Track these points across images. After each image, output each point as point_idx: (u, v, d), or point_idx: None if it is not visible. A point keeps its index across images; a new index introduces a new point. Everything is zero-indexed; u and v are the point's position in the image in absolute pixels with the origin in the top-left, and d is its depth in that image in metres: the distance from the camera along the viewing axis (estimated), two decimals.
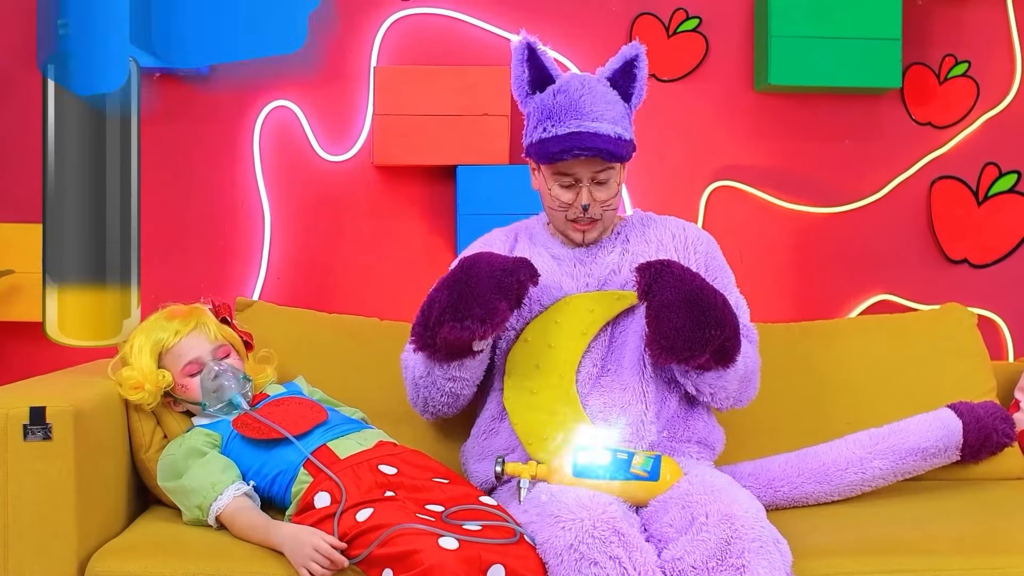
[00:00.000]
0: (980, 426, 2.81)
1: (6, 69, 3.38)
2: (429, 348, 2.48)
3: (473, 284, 2.42)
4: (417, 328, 2.48)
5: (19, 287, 3.24)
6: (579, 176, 2.57)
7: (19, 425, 2.27)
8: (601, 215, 2.61)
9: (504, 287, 2.42)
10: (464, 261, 2.50)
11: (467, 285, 2.42)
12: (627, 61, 2.64)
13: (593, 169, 2.56)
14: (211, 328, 2.68)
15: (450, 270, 2.51)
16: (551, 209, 2.64)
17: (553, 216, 2.65)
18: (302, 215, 3.46)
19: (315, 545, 2.21)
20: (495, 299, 2.40)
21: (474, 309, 2.39)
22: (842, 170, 3.55)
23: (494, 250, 2.63)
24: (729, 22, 3.54)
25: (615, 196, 2.61)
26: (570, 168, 2.56)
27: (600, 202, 2.59)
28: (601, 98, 2.57)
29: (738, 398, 2.64)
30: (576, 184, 2.57)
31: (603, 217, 2.62)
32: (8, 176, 3.38)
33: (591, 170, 2.56)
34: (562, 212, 2.61)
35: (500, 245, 2.74)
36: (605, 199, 2.59)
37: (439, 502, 2.34)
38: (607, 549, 2.16)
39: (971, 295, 3.51)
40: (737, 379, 2.55)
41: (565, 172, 2.57)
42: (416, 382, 2.64)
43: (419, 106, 3.34)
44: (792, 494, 2.73)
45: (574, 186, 2.58)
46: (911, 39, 3.51)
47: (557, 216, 2.64)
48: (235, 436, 2.55)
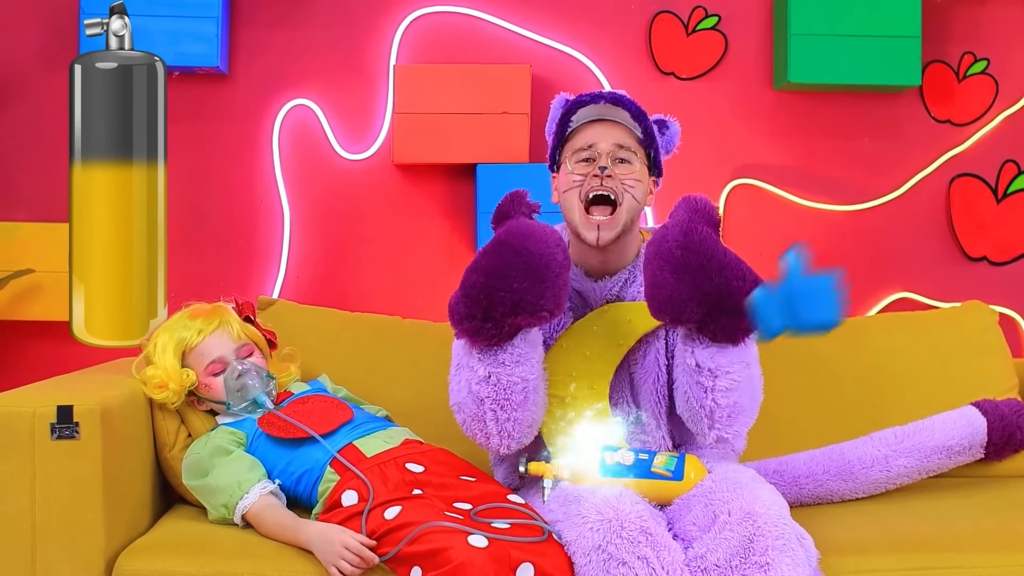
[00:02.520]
0: (1004, 424, 2.82)
1: (25, 69, 3.39)
2: (495, 338, 2.31)
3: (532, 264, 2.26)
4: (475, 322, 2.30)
5: (39, 286, 3.25)
6: (599, 148, 2.46)
7: (46, 424, 2.27)
8: (622, 197, 2.45)
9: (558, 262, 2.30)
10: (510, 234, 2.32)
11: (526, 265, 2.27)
12: (660, 120, 2.60)
13: (613, 140, 2.47)
14: (234, 327, 2.69)
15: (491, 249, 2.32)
16: (567, 194, 2.49)
17: (569, 207, 2.49)
18: (321, 213, 3.46)
19: (345, 543, 2.21)
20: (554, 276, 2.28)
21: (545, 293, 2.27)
22: (861, 168, 3.54)
23: None
24: (748, 20, 3.53)
25: (639, 182, 2.48)
26: (591, 138, 2.47)
27: (621, 177, 2.45)
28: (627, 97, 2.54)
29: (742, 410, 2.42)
30: (595, 160, 2.46)
31: (623, 201, 2.45)
32: (27, 176, 3.39)
33: (612, 141, 2.46)
34: (576, 189, 2.46)
35: None
36: (626, 175, 2.46)
37: (467, 500, 2.34)
38: (635, 549, 2.15)
39: (990, 292, 3.50)
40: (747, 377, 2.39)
41: (586, 146, 2.48)
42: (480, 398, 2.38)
43: (439, 104, 3.34)
44: (816, 491, 2.74)
45: (593, 162, 2.46)
46: (930, 37, 3.51)
47: (573, 203, 2.47)
48: (260, 435, 2.55)
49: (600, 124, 2.50)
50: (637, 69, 3.49)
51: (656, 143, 2.55)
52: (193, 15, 3.29)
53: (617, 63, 3.48)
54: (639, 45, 3.51)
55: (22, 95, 3.39)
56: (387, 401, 2.83)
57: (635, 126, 2.50)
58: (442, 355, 2.92)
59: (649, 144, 2.53)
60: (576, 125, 2.52)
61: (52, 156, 3.33)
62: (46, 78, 3.37)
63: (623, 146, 2.48)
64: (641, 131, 2.51)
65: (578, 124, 2.52)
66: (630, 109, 2.49)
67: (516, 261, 2.27)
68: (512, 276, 2.27)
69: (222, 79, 3.44)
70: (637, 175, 2.49)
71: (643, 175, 2.51)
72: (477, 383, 2.37)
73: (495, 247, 2.32)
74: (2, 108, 3.40)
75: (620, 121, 2.50)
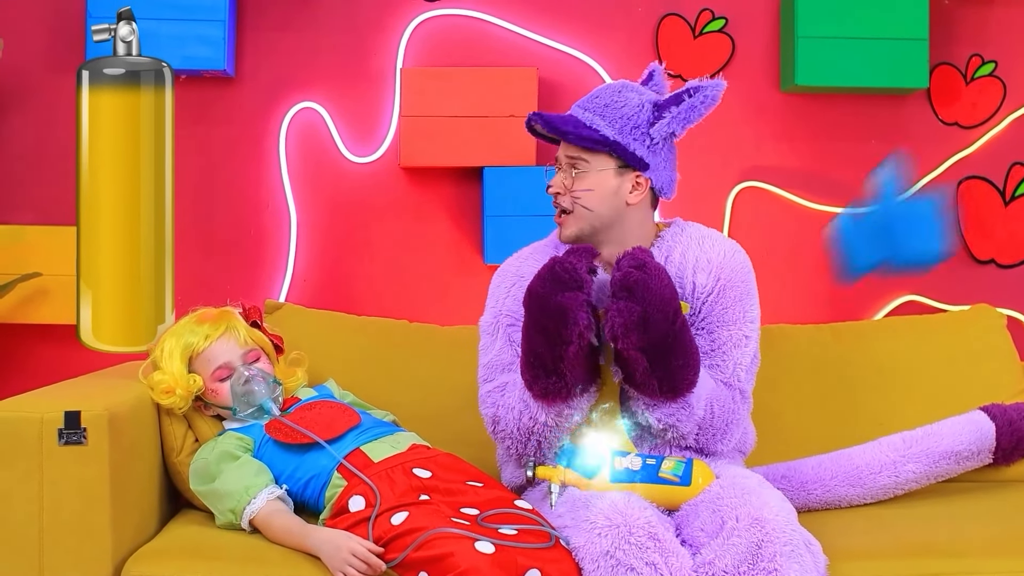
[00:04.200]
0: (1013, 428, 2.81)
1: (33, 74, 3.39)
2: (563, 391, 2.39)
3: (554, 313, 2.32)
4: (541, 381, 2.38)
5: (47, 290, 3.25)
6: (560, 159, 2.58)
7: (54, 429, 2.27)
8: (572, 208, 2.54)
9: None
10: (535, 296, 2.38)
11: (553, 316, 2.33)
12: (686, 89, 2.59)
13: (566, 152, 2.56)
14: (241, 332, 2.69)
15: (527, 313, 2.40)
16: None
17: None
18: (328, 217, 3.46)
19: (352, 549, 2.21)
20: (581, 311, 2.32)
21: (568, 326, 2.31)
22: (869, 170, 3.53)
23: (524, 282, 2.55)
24: (755, 23, 3.53)
25: (590, 192, 2.53)
26: (558, 149, 2.59)
27: (569, 190, 2.54)
28: (607, 93, 2.57)
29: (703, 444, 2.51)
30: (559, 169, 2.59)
31: (573, 211, 2.54)
32: (35, 180, 3.39)
33: (564, 153, 2.56)
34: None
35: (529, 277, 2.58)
36: (577, 190, 2.53)
37: (474, 505, 2.34)
38: (644, 555, 2.15)
39: (998, 295, 3.50)
40: (693, 421, 2.44)
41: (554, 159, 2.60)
42: (529, 431, 2.48)
43: (445, 107, 3.34)
44: (825, 497, 2.74)
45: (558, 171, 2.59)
46: (938, 39, 3.50)
47: None
48: (268, 440, 2.55)
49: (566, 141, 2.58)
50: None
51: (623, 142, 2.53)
52: (200, 18, 3.29)
53: (624, 66, 3.48)
54: (646, 48, 3.51)
55: (30, 99, 3.39)
56: (394, 405, 2.83)
57: (580, 140, 2.54)
58: (450, 359, 2.93)
59: (612, 147, 2.53)
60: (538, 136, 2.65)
61: (60, 160, 3.33)
62: (54, 83, 3.37)
63: (572, 156, 2.56)
64: (590, 143, 2.53)
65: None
66: (565, 131, 2.54)
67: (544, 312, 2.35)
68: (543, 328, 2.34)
69: (229, 82, 3.44)
70: (590, 184, 2.54)
71: (600, 181, 2.54)
72: (531, 422, 2.47)
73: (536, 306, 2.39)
74: (10, 112, 3.40)
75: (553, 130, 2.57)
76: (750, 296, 2.59)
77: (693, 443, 2.50)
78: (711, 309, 2.55)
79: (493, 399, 2.56)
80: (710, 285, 2.56)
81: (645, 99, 2.56)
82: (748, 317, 2.57)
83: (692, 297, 2.56)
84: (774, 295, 3.41)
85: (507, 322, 2.61)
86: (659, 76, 2.69)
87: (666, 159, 2.58)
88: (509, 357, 2.58)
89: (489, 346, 2.63)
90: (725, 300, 2.56)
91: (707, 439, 2.50)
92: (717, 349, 2.54)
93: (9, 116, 3.40)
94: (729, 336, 2.54)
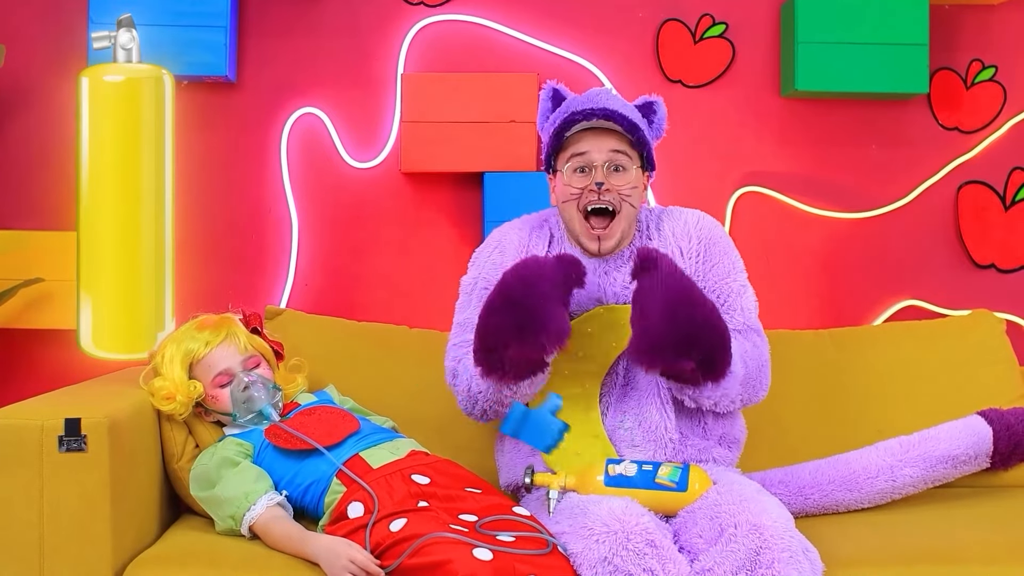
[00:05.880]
0: (1010, 433, 2.81)
1: (34, 79, 3.40)
2: (498, 372, 2.40)
3: (533, 299, 2.32)
4: (480, 354, 2.39)
5: (49, 295, 3.25)
6: (593, 159, 2.53)
7: (54, 437, 2.28)
8: (620, 206, 2.53)
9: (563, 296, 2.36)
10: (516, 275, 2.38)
11: (526, 300, 2.32)
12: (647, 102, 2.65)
13: (608, 148, 2.53)
14: (241, 338, 2.69)
15: (498, 287, 2.39)
16: (566, 205, 2.58)
17: (569, 217, 2.58)
18: (329, 222, 3.47)
19: (352, 557, 2.22)
20: (559, 310, 2.33)
21: (548, 324, 2.30)
22: (869, 175, 3.54)
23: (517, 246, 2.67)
24: (755, 28, 3.53)
25: (635, 188, 2.55)
26: (585, 147, 2.54)
27: (617, 188, 2.53)
28: (617, 98, 2.60)
29: (747, 399, 2.58)
30: (591, 170, 2.54)
31: (622, 210, 2.54)
32: (36, 185, 3.40)
33: (606, 149, 2.53)
34: (574, 201, 2.55)
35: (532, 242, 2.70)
36: (622, 185, 2.53)
37: (472, 512, 2.34)
38: (641, 562, 2.16)
39: (998, 300, 3.51)
40: (737, 385, 2.48)
41: (580, 153, 2.54)
42: (475, 396, 2.55)
43: (446, 113, 3.35)
44: (822, 501, 2.74)
45: (589, 172, 2.54)
46: (938, 44, 3.50)
47: (572, 214, 2.57)
48: (267, 446, 2.56)
49: (594, 131, 2.55)
50: (645, 77, 3.49)
51: (649, 144, 2.58)
52: (201, 24, 3.30)
53: (624, 71, 3.49)
54: (647, 53, 3.51)
55: (32, 105, 3.40)
56: (394, 411, 2.84)
57: (629, 134, 2.54)
58: None
59: (643, 146, 2.56)
60: (571, 133, 2.57)
61: (61, 166, 3.34)
62: (55, 88, 3.38)
63: (618, 151, 2.55)
64: (635, 139, 2.55)
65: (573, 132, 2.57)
66: (622, 123, 2.53)
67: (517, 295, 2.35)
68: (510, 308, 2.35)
69: (230, 88, 3.45)
70: (633, 182, 2.56)
71: (638, 179, 2.58)
72: (476, 389, 2.53)
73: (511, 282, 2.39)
74: (12, 117, 3.41)
75: (614, 129, 2.54)
76: (732, 248, 2.67)
77: (740, 401, 2.55)
78: (704, 267, 2.61)
79: (455, 354, 2.64)
80: (693, 247, 2.62)
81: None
82: (738, 267, 2.66)
83: (683, 261, 2.60)
84: (773, 300, 3.41)
85: (483, 286, 2.66)
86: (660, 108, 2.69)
87: None
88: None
89: (464, 305, 2.71)
90: (713, 256, 2.62)
91: (750, 393, 2.56)
92: (725, 302, 2.59)
93: (11, 121, 3.41)
94: (729, 286, 2.61)
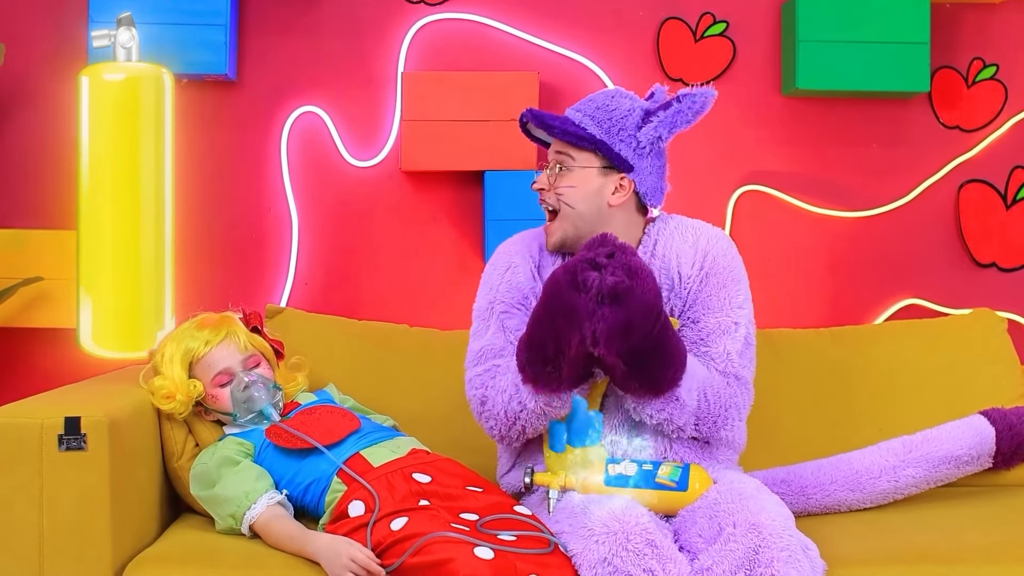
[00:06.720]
0: (1013, 433, 2.81)
1: (34, 78, 3.40)
2: (554, 382, 2.39)
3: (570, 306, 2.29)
4: (534, 368, 2.38)
5: (48, 293, 3.25)
6: (550, 158, 2.60)
7: (54, 435, 2.27)
8: (559, 206, 2.56)
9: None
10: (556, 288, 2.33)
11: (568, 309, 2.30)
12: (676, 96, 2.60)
13: (555, 149, 2.59)
14: (241, 337, 2.68)
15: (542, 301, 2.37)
16: None
17: None
18: (329, 221, 3.46)
19: (352, 556, 2.21)
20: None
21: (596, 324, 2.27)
22: (870, 174, 3.54)
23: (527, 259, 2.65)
24: (756, 26, 3.53)
25: (573, 189, 2.55)
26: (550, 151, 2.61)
27: (554, 188, 2.56)
28: (600, 97, 2.60)
29: (704, 434, 2.50)
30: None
31: (560, 210, 2.56)
32: (36, 183, 3.40)
33: (554, 151, 2.59)
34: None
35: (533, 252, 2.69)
36: (560, 186, 2.55)
37: (473, 511, 2.34)
38: (641, 561, 2.15)
39: (999, 299, 3.50)
40: (687, 414, 2.44)
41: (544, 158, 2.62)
42: (514, 416, 2.48)
43: (447, 111, 3.35)
44: (824, 501, 2.73)
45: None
46: (939, 43, 3.50)
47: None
48: (268, 445, 2.55)
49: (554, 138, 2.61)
50: (645, 75, 3.48)
51: (608, 142, 2.55)
52: (202, 23, 3.29)
53: (625, 70, 3.48)
54: (647, 51, 3.51)
55: (31, 103, 3.40)
56: (395, 410, 2.83)
57: (565, 135, 2.55)
58: (450, 363, 2.93)
59: (597, 145, 2.54)
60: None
61: (61, 164, 3.34)
62: (55, 87, 3.37)
63: (560, 152, 2.59)
64: (575, 139, 2.54)
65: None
66: (552, 126, 2.56)
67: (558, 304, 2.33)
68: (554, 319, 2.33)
69: (231, 86, 3.44)
70: (573, 182, 2.56)
71: (583, 178, 2.56)
72: (519, 407, 2.47)
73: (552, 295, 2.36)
74: (11, 116, 3.40)
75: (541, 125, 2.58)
76: (735, 282, 2.58)
77: (695, 433, 2.49)
78: (696, 297, 2.56)
79: (482, 380, 2.56)
80: (694, 275, 2.57)
81: (636, 105, 2.58)
82: (735, 303, 2.56)
83: (679, 288, 2.56)
84: (774, 299, 3.41)
85: (500, 308, 2.61)
86: (660, 95, 2.68)
87: (653, 165, 2.58)
88: (501, 343, 2.57)
89: (481, 332, 2.63)
90: (709, 288, 2.56)
91: (707, 428, 2.49)
92: (706, 337, 2.53)
93: (10, 120, 3.40)
94: (717, 323, 2.54)
